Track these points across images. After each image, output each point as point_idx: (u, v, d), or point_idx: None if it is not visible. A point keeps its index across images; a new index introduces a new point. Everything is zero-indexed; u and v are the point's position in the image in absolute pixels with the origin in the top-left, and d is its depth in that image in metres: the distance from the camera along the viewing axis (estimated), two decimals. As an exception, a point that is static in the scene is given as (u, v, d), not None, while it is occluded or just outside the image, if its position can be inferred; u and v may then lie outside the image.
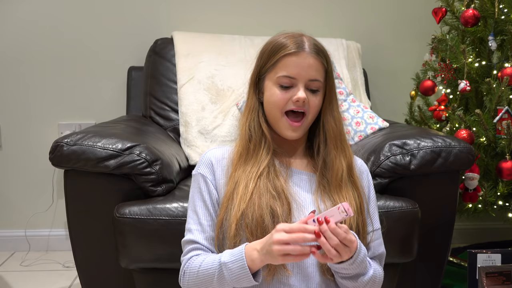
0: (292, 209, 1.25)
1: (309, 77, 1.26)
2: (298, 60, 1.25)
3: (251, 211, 1.22)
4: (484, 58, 2.20)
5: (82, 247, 1.75)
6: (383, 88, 2.70)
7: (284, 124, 1.27)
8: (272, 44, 1.29)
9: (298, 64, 1.25)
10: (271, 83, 1.28)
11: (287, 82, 1.26)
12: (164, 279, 1.69)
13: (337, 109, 1.33)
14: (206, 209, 1.28)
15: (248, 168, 1.27)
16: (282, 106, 1.26)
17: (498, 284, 1.76)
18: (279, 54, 1.26)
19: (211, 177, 1.31)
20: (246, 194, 1.24)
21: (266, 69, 1.29)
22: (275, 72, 1.27)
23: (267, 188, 1.25)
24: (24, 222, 2.62)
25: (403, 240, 1.68)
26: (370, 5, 2.68)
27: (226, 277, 1.17)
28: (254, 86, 1.33)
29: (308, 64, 1.25)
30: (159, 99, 2.32)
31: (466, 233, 2.68)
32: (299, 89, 1.25)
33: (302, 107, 1.26)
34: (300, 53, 1.25)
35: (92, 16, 2.57)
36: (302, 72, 1.25)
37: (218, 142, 2.17)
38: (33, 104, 2.60)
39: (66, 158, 1.65)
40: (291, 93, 1.26)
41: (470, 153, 1.75)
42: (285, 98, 1.26)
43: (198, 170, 1.33)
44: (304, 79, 1.26)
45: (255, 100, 1.33)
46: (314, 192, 1.29)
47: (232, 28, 2.55)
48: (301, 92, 1.25)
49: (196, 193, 1.31)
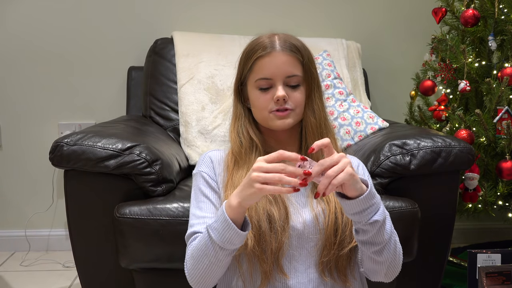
0: (289, 213, 1.25)
1: (285, 74, 1.27)
2: (270, 60, 1.26)
3: (249, 217, 1.21)
4: (484, 58, 2.20)
5: (82, 247, 1.75)
6: (383, 88, 2.70)
7: (272, 118, 1.28)
8: (246, 50, 1.31)
9: (271, 64, 1.26)
10: (252, 88, 1.30)
11: (265, 83, 1.27)
12: (164, 279, 1.69)
13: (319, 101, 1.32)
14: (209, 203, 1.28)
15: (243, 174, 1.27)
16: (265, 107, 1.28)
17: (498, 284, 1.76)
18: (252, 58, 1.28)
19: (212, 174, 1.31)
20: None
21: (245, 75, 1.31)
22: (252, 76, 1.29)
23: None
24: (24, 222, 2.62)
25: (403, 240, 1.67)
26: (370, 5, 2.68)
27: (215, 241, 1.14)
28: (237, 94, 1.35)
29: (281, 62, 1.26)
30: (159, 99, 2.32)
31: (466, 233, 2.68)
32: (277, 88, 1.26)
33: (284, 105, 1.26)
34: (272, 53, 1.26)
35: (92, 16, 2.57)
36: (277, 71, 1.26)
37: (218, 142, 2.17)
38: (33, 104, 2.60)
39: (66, 158, 1.65)
40: (271, 93, 1.27)
41: (470, 153, 1.75)
42: (266, 99, 1.27)
43: (199, 168, 1.33)
44: (281, 77, 1.26)
45: (240, 107, 1.35)
46: (308, 194, 1.29)
47: (232, 28, 2.55)
48: (279, 91, 1.25)
49: (198, 191, 1.31)
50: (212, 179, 1.31)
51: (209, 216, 1.26)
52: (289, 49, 1.27)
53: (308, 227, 1.26)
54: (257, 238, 1.21)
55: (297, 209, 1.27)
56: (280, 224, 1.22)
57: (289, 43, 1.28)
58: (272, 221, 1.22)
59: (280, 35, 1.30)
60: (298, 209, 1.27)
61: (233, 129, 1.34)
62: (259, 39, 1.30)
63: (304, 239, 1.26)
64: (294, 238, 1.25)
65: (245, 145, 1.31)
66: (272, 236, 1.21)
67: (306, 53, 1.30)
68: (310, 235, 1.26)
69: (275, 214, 1.22)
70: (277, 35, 1.30)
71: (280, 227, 1.22)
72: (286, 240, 1.23)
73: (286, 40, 1.28)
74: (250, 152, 1.30)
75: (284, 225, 1.22)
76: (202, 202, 1.29)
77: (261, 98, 1.28)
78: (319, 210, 1.26)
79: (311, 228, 1.26)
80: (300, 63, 1.29)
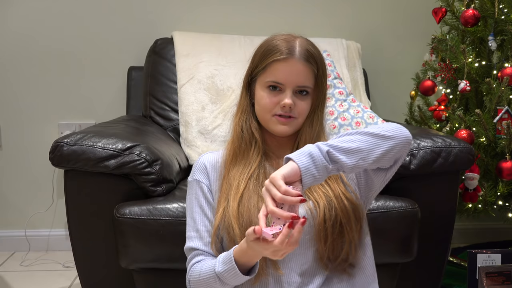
0: None
1: (298, 83, 1.26)
2: (287, 66, 1.25)
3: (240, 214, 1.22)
4: (484, 58, 2.20)
5: (82, 247, 1.75)
6: (383, 88, 2.70)
7: (273, 122, 1.28)
8: (264, 47, 1.29)
9: (286, 70, 1.25)
10: (260, 86, 1.29)
11: (275, 85, 1.26)
12: (164, 279, 1.69)
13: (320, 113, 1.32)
14: (203, 215, 1.30)
15: (240, 169, 1.28)
16: (270, 110, 1.27)
17: (498, 284, 1.76)
18: (269, 59, 1.26)
19: (206, 182, 1.32)
20: (236, 195, 1.25)
21: (257, 72, 1.29)
22: (264, 76, 1.27)
23: (256, 191, 1.25)
24: (24, 222, 2.62)
25: (403, 240, 1.68)
26: (370, 5, 2.68)
27: (225, 283, 1.20)
28: (246, 87, 1.34)
29: (297, 71, 1.25)
30: (159, 99, 2.32)
31: (466, 233, 2.68)
32: (287, 95, 1.25)
33: (289, 112, 1.26)
34: (290, 60, 1.25)
35: (92, 16, 2.57)
36: (291, 79, 1.25)
37: (218, 142, 2.17)
38: (33, 104, 2.60)
39: (66, 158, 1.65)
40: (279, 97, 1.26)
41: (470, 153, 1.75)
42: (273, 102, 1.27)
43: (193, 176, 1.34)
44: (292, 85, 1.26)
45: (247, 101, 1.34)
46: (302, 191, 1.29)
47: (232, 28, 2.55)
48: (288, 99, 1.25)
49: (193, 200, 1.32)
50: (207, 186, 1.32)
51: (204, 230, 1.28)
52: (307, 59, 1.26)
53: None
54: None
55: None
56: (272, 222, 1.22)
57: (309, 52, 1.27)
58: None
59: (300, 40, 1.28)
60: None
61: (238, 121, 1.33)
62: (278, 40, 1.28)
63: None
64: None
65: (246, 138, 1.31)
66: None
67: (322, 66, 1.29)
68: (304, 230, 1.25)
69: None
70: (297, 39, 1.28)
71: None
72: None
73: (307, 49, 1.27)
74: (249, 147, 1.30)
75: None
76: (196, 213, 1.30)
77: (267, 99, 1.27)
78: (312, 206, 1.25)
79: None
80: (314, 76, 1.28)
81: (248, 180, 1.27)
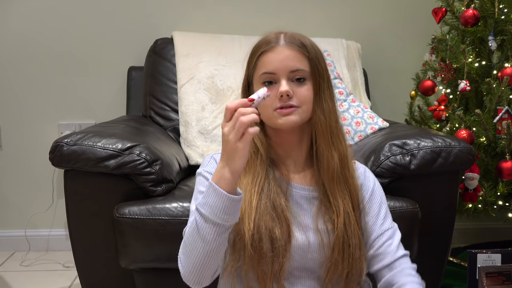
0: (291, 231, 1.21)
1: (289, 68, 1.21)
2: (274, 54, 1.22)
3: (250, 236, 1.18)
4: (484, 58, 2.20)
5: (82, 247, 1.75)
6: (383, 88, 2.70)
7: (276, 116, 1.22)
8: (252, 48, 1.28)
9: (275, 58, 1.22)
10: (257, 84, 1.25)
11: (269, 77, 1.22)
12: (164, 279, 1.69)
13: (329, 101, 1.26)
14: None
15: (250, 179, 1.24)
16: (270, 105, 1.21)
17: (498, 284, 1.76)
18: (256, 54, 1.25)
19: None
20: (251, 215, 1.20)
21: (251, 74, 1.27)
22: (257, 72, 1.25)
23: (266, 209, 1.21)
24: (24, 222, 2.62)
25: (403, 240, 1.67)
26: (370, 5, 2.68)
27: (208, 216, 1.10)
28: (245, 94, 1.30)
29: (285, 56, 1.22)
30: (159, 99, 2.32)
31: (466, 233, 2.68)
32: (281, 83, 1.21)
33: (288, 101, 1.21)
34: (275, 47, 1.22)
35: (92, 16, 2.57)
36: (280, 65, 1.21)
37: (218, 142, 2.17)
38: (33, 104, 2.60)
39: (66, 158, 1.65)
40: (276, 90, 1.21)
41: (470, 153, 1.75)
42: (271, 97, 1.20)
43: (204, 168, 1.29)
44: (284, 71, 1.21)
45: None
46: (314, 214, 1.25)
47: (232, 28, 2.55)
48: (283, 86, 1.20)
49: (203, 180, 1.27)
50: None
51: None
52: (293, 43, 1.23)
53: (312, 248, 1.23)
54: (258, 258, 1.18)
55: (301, 229, 1.24)
56: (282, 244, 1.18)
57: (295, 38, 1.24)
58: (274, 240, 1.18)
59: (287, 32, 1.26)
60: (302, 229, 1.24)
61: None
62: (266, 37, 1.27)
63: (307, 260, 1.23)
64: (297, 259, 1.22)
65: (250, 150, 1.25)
66: (274, 256, 1.18)
67: (314, 49, 1.25)
68: (313, 256, 1.23)
69: (277, 233, 1.19)
70: (283, 32, 1.26)
71: (282, 247, 1.18)
72: (287, 261, 1.20)
73: (291, 36, 1.24)
74: (255, 158, 1.26)
75: (286, 245, 1.19)
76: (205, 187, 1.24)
77: None
78: (324, 230, 1.22)
79: (315, 248, 1.23)
80: (306, 58, 1.23)
81: (260, 193, 1.22)
